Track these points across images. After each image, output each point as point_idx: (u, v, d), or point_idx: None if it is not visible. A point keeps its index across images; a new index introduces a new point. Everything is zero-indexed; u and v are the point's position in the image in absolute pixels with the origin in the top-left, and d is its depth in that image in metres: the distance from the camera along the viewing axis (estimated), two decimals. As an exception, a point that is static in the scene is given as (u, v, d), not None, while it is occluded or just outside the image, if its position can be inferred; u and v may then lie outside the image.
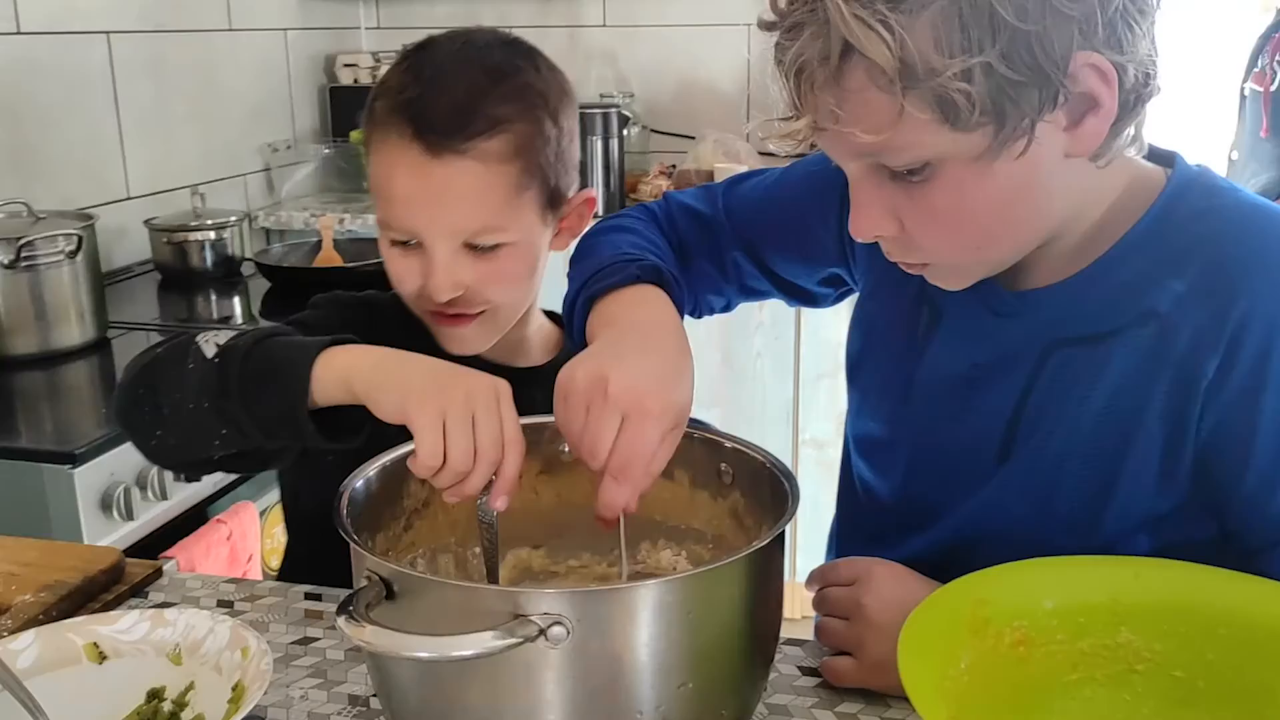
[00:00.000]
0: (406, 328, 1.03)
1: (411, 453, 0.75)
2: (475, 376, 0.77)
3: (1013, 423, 0.83)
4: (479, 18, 3.15)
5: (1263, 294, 0.74)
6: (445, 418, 0.73)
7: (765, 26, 0.74)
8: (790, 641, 0.88)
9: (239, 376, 0.83)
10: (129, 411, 0.91)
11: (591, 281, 0.88)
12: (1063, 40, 0.68)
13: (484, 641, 0.63)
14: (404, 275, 1.01)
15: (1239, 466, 0.76)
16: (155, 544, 1.53)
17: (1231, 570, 0.75)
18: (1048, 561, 0.77)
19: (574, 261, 0.98)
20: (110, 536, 1.48)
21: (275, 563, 1.79)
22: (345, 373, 0.80)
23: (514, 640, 0.63)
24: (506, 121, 0.96)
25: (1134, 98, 0.72)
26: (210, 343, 0.87)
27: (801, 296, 1.05)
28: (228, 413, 0.84)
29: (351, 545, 0.71)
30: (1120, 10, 0.69)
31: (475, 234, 0.97)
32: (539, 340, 1.13)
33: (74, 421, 1.67)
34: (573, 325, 0.91)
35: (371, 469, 0.80)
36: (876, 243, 0.80)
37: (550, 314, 1.15)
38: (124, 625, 0.81)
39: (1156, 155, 0.83)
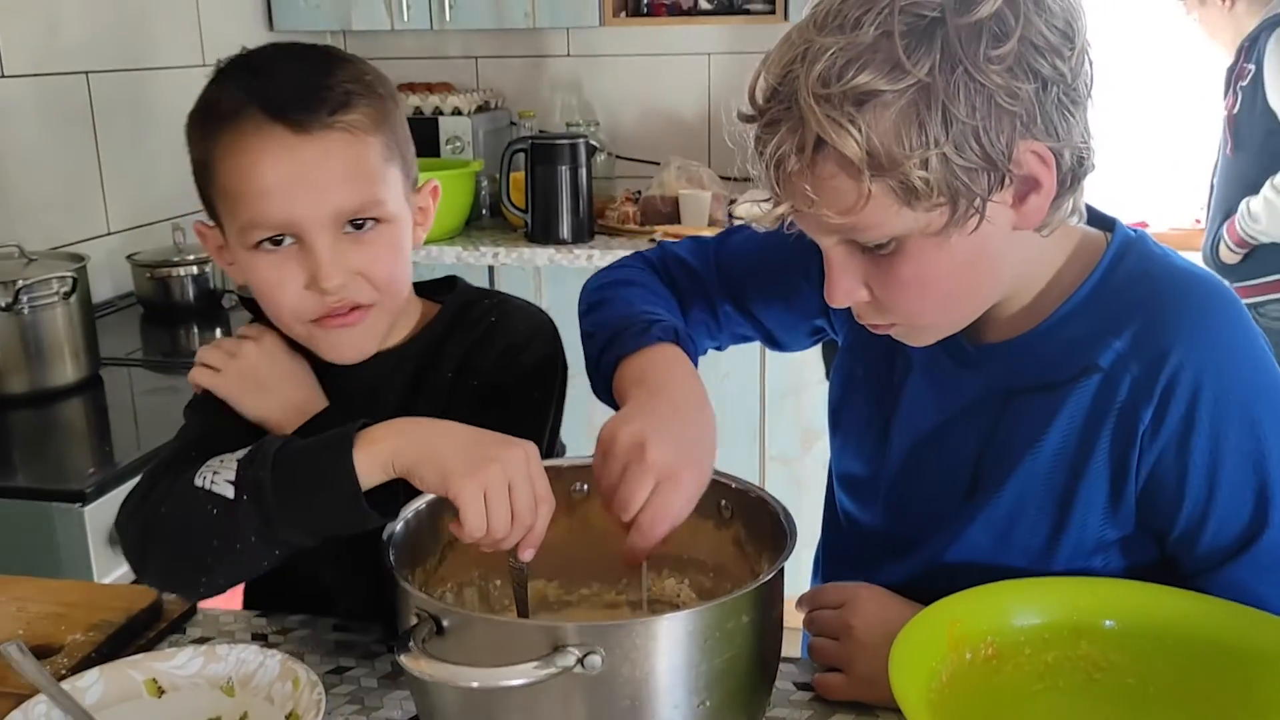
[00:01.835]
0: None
1: (454, 517, 0.81)
2: (506, 447, 0.82)
3: (977, 464, 0.93)
4: (445, 50, 3.24)
5: (1190, 352, 0.84)
6: (486, 491, 0.80)
7: (744, 119, 0.83)
8: (785, 660, 0.96)
9: (278, 504, 0.84)
10: (170, 575, 0.92)
11: (615, 343, 0.96)
12: (1006, 132, 0.78)
13: (529, 671, 0.71)
14: (281, 281, 0.95)
15: (1175, 503, 0.86)
16: (160, 576, 1.59)
17: (1176, 588, 0.86)
18: (1015, 584, 0.87)
19: (585, 313, 1.07)
20: (118, 571, 1.54)
21: (269, 590, 1.85)
22: (384, 457, 0.83)
23: (555, 670, 0.71)
24: (358, 95, 0.94)
25: (1071, 177, 0.83)
26: (220, 481, 0.86)
27: (783, 344, 1.15)
28: (281, 537, 0.85)
29: (400, 585, 0.79)
30: (1055, 103, 0.79)
31: (356, 210, 0.94)
32: (404, 320, 1.08)
33: (76, 459, 1.72)
34: (596, 382, 0.99)
35: (410, 511, 0.88)
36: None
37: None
38: (179, 661, 0.88)
39: (1097, 219, 0.93)
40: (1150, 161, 3.05)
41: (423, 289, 1.12)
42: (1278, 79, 2.33)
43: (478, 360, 1.06)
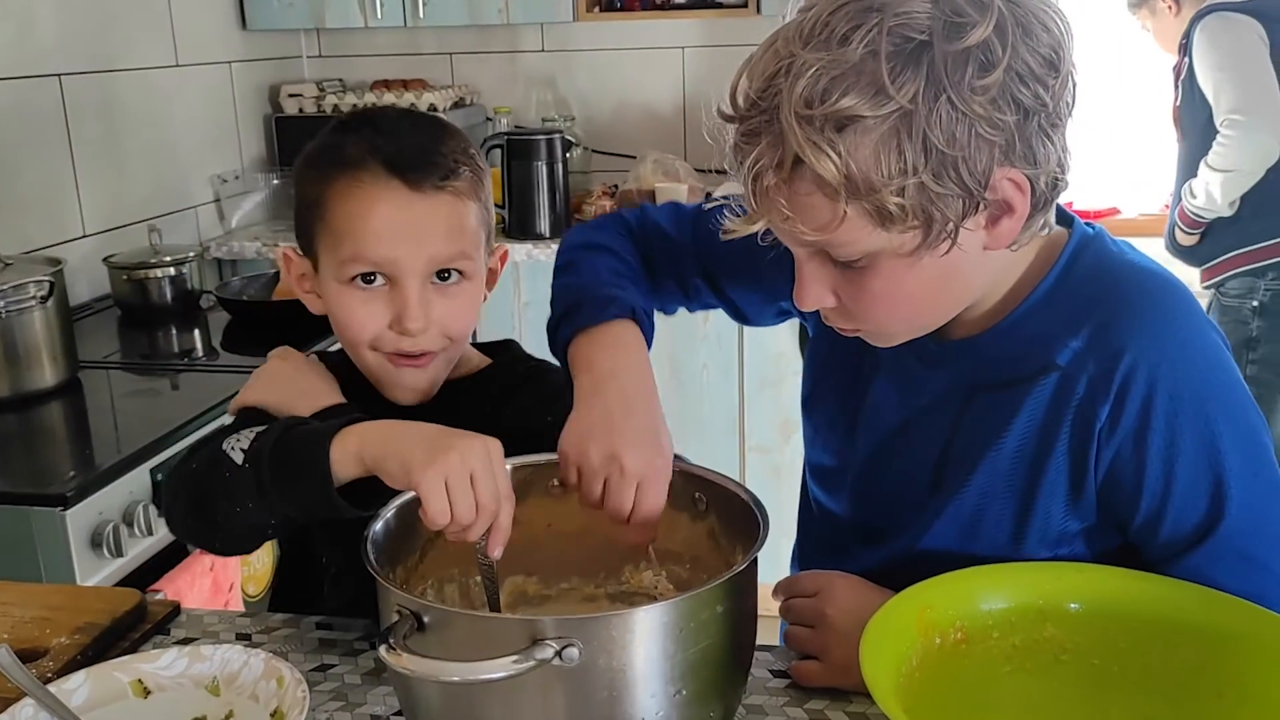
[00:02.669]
0: (350, 384, 1.09)
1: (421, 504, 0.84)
2: (466, 439, 0.85)
3: (942, 458, 0.95)
4: (420, 47, 3.24)
5: (1145, 350, 0.86)
6: (447, 480, 0.83)
7: (724, 118, 0.84)
8: (761, 648, 0.98)
9: (271, 478, 0.91)
10: (188, 527, 1.00)
11: (575, 313, 1.00)
12: (985, 160, 0.79)
13: (508, 665, 0.73)
14: (365, 319, 1.04)
15: (1134, 497, 0.89)
16: (142, 578, 1.60)
17: (1139, 571, 0.88)
18: (983, 570, 0.89)
19: (555, 274, 1.10)
20: (101, 574, 1.54)
21: (252, 590, 1.87)
22: (355, 451, 0.88)
23: (533, 663, 0.73)
24: (464, 166, 1.05)
25: (1045, 200, 0.84)
26: (236, 449, 0.93)
27: (750, 320, 1.17)
28: (271, 507, 0.92)
29: (380, 583, 0.81)
30: (1036, 130, 0.80)
31: (449, 260, 1.03)
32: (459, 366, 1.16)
33: (56, 463, 1.72)
34: (552, 346, 1.03)
35: (389, 511, 0.89)
36: None
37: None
38: (164, 662, 0.90)
39: (1057, 215, 0.95)
40: (1120, 148, 3.08)
41: (481, 347, 1.20)
42: (1205, 66, 2.42)
43: (515, 402, 1.12)
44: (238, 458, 0.93)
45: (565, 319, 1.01)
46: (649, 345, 1.01)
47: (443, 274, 1.04)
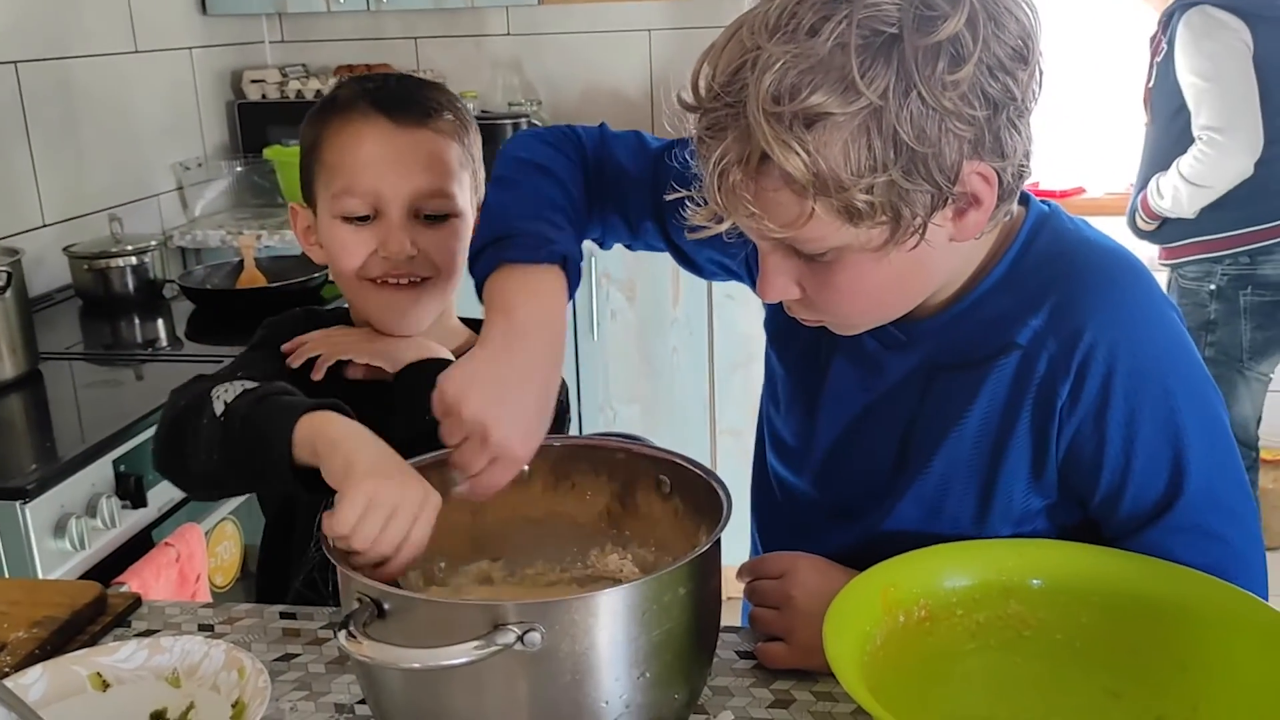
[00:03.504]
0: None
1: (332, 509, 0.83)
2: (411, 482, 0.85)
3: (905, 440, 0.95)
4: (384, 31, 3.20)
5: (1104, 328, 0.86)
6: (370, 501, 0.82)
7: (686, 107, 0.82)
8: (727, 629, 0.98)
9: (240, 438, 0.94)
10: (163, 459, 1.05)
11: (506, 243, 0.94)
12: (954, 155, 0.78)
13: (469, 650, 0.73)
14: (355, 246, 1.11)
15: (1094, 473, 0.89)
16: (107, 570, 1.58)
17: (1098, 547, 0.89)
18: (946, 548, 0.89)
19: (494, 180, 1.03)
20: (64, 566, 1.53)
21: (220, 580, 1.85)
22: (310, 438, 0.90)
23: (495, 648, 0.73)
24: (448, 110, 1.14)
25: (1011, 190, 0.83)
26: (220, 399, 0.97)
27: (697, 272, 1.13)
28: (233, 465, 0.96)
29: (340, 570, 0.80)
30: (1005, 121, 0.79)
31: (429, 196, 1.10)
32: (451, 339, 1.19)
33: (16, 456, 1.69)
34: (473, 266, 0.97)
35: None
36: None
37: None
38: (123, 655, 0.89)
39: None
40: (1086, 127, 3.10)
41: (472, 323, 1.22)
42: (1185, 60, 2.43)
43: None
44: (218, 408, 0.97)
45: (494, 245, 0.95)
46: (572, 295, 0.96)
47: (428, 217, 1.11)
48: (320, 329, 1.18)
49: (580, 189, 1.05)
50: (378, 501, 0.82)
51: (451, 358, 1.13)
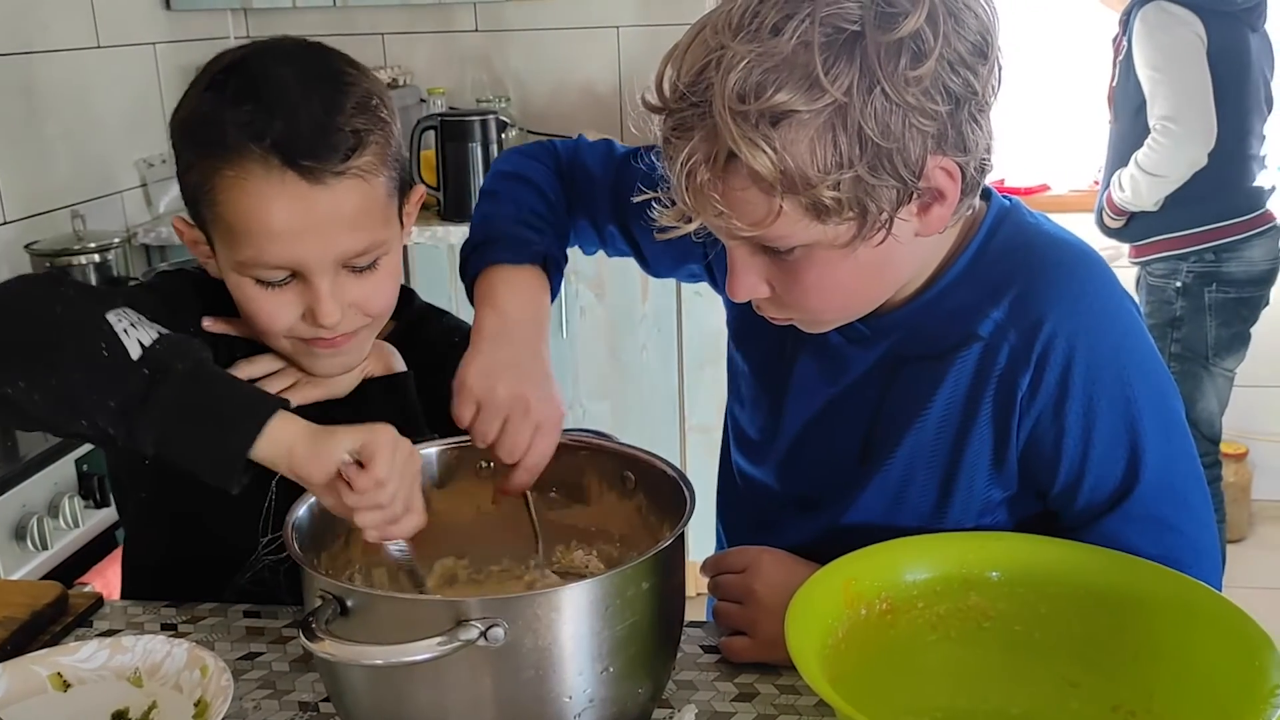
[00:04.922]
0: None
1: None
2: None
3: (869, 431, 0.96)
4: (350, 26, 3.18)
5: (1063, 320, 0.88)
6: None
7: (650, 109, 0.83)
8: (691, 624, 0.99)
9: (176, 403, 0.79)
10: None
11: (491, 246, 1.01)
12: (918, 150, 0.79)
13: (432, 647, 0.73)
14: (275, 311, 0.96)
15: (1053, 463, 0.90)
16: (70, 570, 1.57)
17: (1057, 539, 0.90)
18: (906, 541, 0.90)
19: (480, 197, 1.08)
20: (26, 567, 1.52)
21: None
22: (289, 443, 0.80)
23: (458, 644, 0.73)
24: (366, 132, 0.94)
25: (974, 184, 0.85)
26: (132, 337, 0.80)
27: (659, 275, 1.15)
28: (134, 423, 0.79)
29: (304, 570, 0.80)
30: (967, 116, 0.80)
31: (362, 253, 0.96)
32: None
33: (-23, 456, 1.68)
34: (465, 269, 1.03)
35: (311, 496, 0.88)
36: None
37: None
38: (84, 654, 0.88)
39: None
40: (1050, 125, 3.13)
41: None
42: (1141, 53, 2.47)
43: (422, 337, 1.14)
44: (133, 349, 0.79)
45: (480, 250, 1.02)
46: (555, 295, 1.03)
47: (359, 268, 0.97)
48: (223, 317, 1.03)
49: (559, 194, 1.10)
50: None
51: (397, 355, 1.09)
